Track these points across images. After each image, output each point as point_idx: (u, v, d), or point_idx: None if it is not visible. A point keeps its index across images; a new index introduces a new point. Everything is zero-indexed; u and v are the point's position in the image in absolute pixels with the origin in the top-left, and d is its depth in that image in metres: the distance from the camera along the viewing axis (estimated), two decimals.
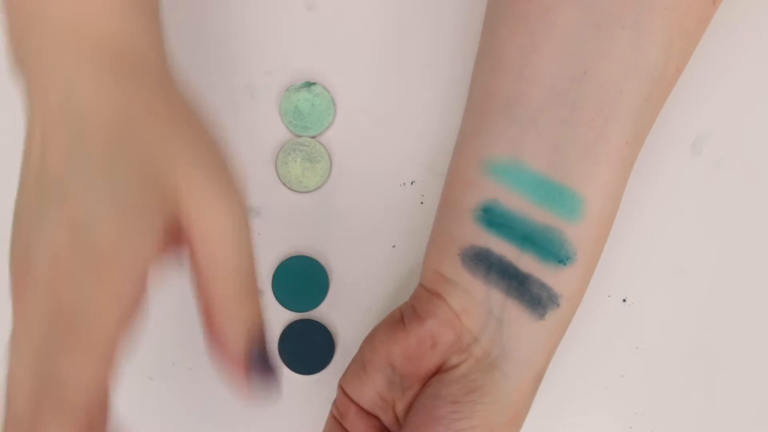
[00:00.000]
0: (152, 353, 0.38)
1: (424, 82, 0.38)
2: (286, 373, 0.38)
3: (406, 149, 0.38)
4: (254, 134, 0.38)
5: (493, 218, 0.32)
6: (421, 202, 0.38)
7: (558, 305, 0.31)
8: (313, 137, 0.38)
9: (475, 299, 0.32)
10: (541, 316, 0.31)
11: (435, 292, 0.33)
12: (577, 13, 0.31)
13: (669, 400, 0.37)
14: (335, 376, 0.38)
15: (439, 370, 0.33)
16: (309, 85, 0.38)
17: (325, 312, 0.38)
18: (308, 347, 0.38)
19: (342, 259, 0.38)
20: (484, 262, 0.32)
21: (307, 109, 0.38)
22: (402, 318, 0.33)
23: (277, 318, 0.38)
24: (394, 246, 0.38)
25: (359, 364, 0.34)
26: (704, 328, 0.37)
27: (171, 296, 0.38)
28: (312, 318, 0.38)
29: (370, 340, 0.34)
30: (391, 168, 0.38)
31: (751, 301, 0.37)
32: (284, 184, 0.38)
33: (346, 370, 0.34)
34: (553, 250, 0.31)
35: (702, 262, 0.38)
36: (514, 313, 0.31)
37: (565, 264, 0.31)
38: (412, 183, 0.38)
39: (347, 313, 0.38)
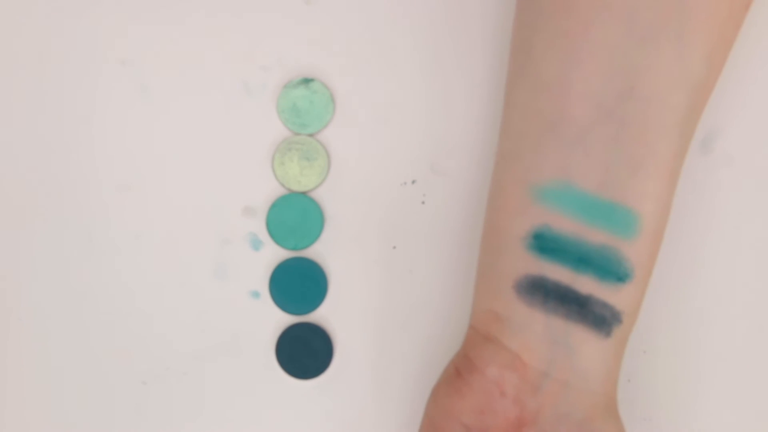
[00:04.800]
0: (146, 358, 0.38)
1: (426, 78, 0.38)
2: (284, 378, 0.38)
3: (407, 147, 0.38)
4: (251, 132, 0.38)
5: (545, 244, 0.31)
6: (423, 202, 0.38)
7: (621, 321, 0.31)
8: (311, 135, 0.38)
9: (535, 332, 0.31)
10: (608, 334, 0.31)
11: (488, 336, 0.32)
12: (619, 26, 0.30)
13: (676, 406, 0.37)
14: (334, 380, 0.38)
15: (525, 422, 0.32)
16: (307, 81, 0.38)
17: (324, 315, 0.38)
18: (306, 351, 0.38)
19: (341, 261, 0.38)
20: (540, 291, 0.31)
21: (305, 106, 0.37)
22: (458, 372, 0.33)
23: (275, 321, 0.38)
24: (394, 247, 0.38)
25: (431, 430, 0.33)
26: (712, 332, 0.37)
27: (166, 299, 0.38)
28: (310, 321, 0.38)
29: (434, 402, 0.33)
30: (391, 167, 0.38)
31: (760, 304, 0.37)
32: (282, 184, 0.38)
33: None
34: (612, 269, 0.31)
35: (711, 264, 0.37)
36: (580, 335, 0.31)
37: (624, 281, 0.31)
38: (413, 182, 0.38)
39: (346, 316, 0.38)
